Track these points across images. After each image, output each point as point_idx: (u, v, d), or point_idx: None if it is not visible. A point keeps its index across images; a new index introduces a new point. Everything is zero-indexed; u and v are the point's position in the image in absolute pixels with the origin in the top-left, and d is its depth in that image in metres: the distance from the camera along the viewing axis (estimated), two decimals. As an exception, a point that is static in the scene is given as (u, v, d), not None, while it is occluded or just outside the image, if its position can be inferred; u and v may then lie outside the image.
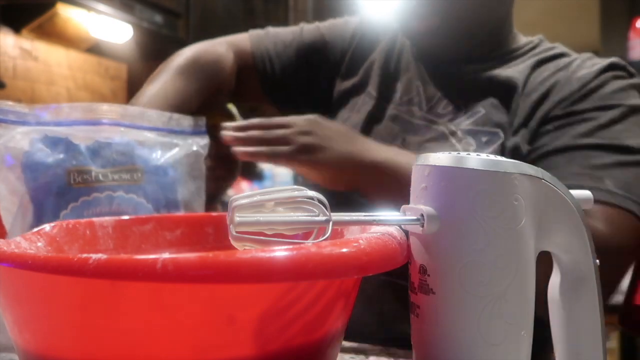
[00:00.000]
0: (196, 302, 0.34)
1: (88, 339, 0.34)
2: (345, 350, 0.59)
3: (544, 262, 0.41)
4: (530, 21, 0.83)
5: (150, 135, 0.69)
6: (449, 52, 0.82)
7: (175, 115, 0.72)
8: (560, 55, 0.80)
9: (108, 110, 0.67)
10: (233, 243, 0.37)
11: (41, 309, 0.35)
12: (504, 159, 0.38)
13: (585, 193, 0.42)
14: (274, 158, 0.69)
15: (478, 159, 0.37)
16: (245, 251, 0.31)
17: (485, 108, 0.77)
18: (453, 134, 0.77)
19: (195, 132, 0.74)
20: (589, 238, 0.40)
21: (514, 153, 0.73)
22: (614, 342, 2.13)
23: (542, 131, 0.73)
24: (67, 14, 2.46)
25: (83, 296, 0.34)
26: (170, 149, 0.70)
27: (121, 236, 0.56)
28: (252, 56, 0.92)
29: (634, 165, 0.69)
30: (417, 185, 0.40)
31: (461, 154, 0.38)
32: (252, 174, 2.95)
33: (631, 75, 0.76)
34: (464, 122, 0.77)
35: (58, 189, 0.61)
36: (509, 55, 0.82)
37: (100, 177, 0.63)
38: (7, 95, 2.53)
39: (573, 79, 0.75)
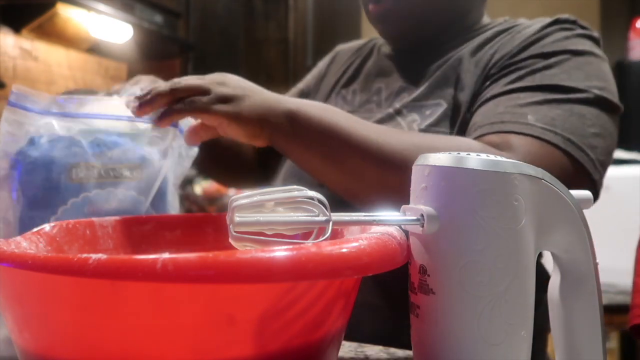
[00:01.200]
0: (196, 302, 0.34)
1: (88, 339, 0.34)
2: (345, 350, 0.59)
3: None
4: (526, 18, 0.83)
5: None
6: (407, 37, 0.84)
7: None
8: (520, 24, 0.79)
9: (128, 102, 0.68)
10: (233, 243, 0.37)
11: (41, 309, 0.35)
12: (504, 159, 0.38)
13: (585, 193, 0.42)
14: (191, 111, 0.64)
15: (478, 159, 0.37)
16: (245, 251, 0.31)
17: (429, 82, 0.78)
18: (399, 112, 0.78)
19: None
20: (589, 238, 0.40)
21: (464, 117, 0.72)
22: (614, 342, 2.13)
23: (480, 90, 0.73)
24: (67, 14, 2.46)
25: (83, 296, 0.34)
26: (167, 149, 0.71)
27: (121, 236, 0.56)
28: None
29: (563, 102, 0.67)
30: (417, 185, 0.40)
31: (461, 154, 0.38)
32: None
33: (583, 28, 0.75)
34: (406, 99, 0.78)
35: (57, 185, 0.61)
36: (468, 34, 0.82)
37: (102, 174, 0.64)
38: (7, 95, 2.53)
39: (516, 37, 0.75)
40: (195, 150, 0.74)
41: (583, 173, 0.65)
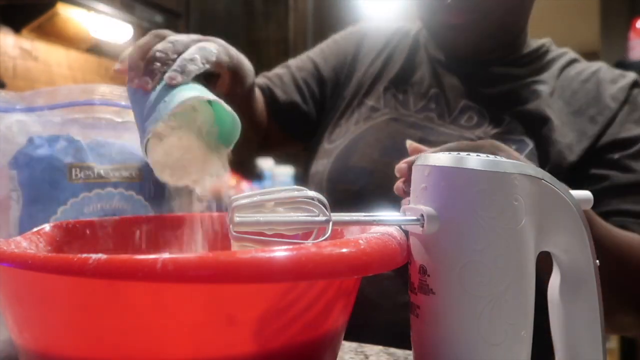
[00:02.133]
0: (196, 302, 0.34)
1: (88, 339, 0.34)
2: (345, 350, 0.59)
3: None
4: (530, 21, 0.84)
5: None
6: (472, 50, 0.83)
7: None
8: (575, 60, 0.85)
9: (103, 90, 0.67)
10: (233, 243, 0.37)
11: (41, 309, 0.35)
12: (503, 159, 0.38)
13: (585, 193, 0.42)
14: None
15: (478, 159, 0.37)
16: (245, 251, 0.31)
17: (509, 117, 0.78)
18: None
19: None
20: (589, 238, 0.40)
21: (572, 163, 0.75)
22: (614, 342, 2.13)
23: (607, 158, 0.76)
24: (67, 14, 2.46)
25: (83, 296, 0.34)
26: None
27: (121, 236, 0.56)
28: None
29: None
30: (417, 185, 0.40)
31: (461, 154, 0.38)
32: (252, 174, 2.95)
33: None
34: (491, 131, 0.78)
35: (56, 185, 0.61)
36: (525, 58, 0.84)
37: (102, 174, 0.64)
38: (7, 96, 2.52)
39: (607, 98, 0.79)
40: None
41: None
